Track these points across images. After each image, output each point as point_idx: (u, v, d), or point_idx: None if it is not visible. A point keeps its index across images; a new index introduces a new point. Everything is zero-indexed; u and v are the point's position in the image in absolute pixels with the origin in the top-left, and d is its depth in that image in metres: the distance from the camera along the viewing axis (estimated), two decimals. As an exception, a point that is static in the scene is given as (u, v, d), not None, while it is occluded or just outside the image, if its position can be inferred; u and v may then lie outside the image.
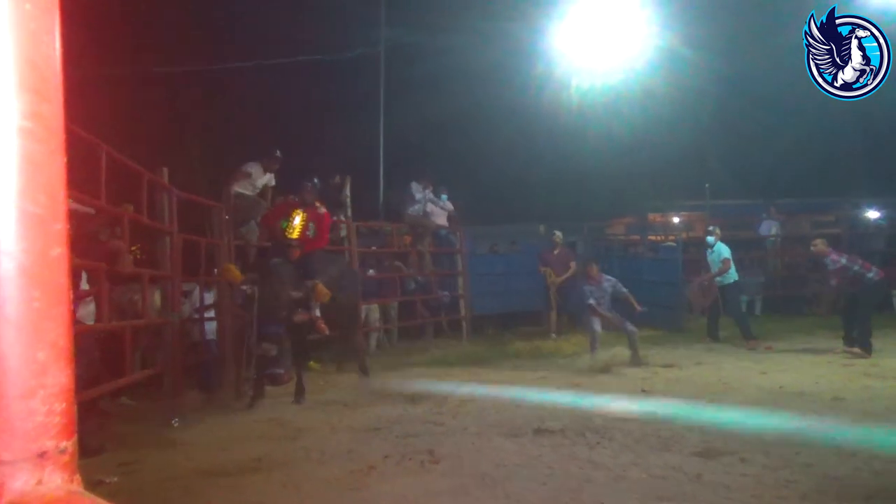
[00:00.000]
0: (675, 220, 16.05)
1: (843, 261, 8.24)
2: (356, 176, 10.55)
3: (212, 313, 7.36)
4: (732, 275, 9.69)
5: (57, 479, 0.41)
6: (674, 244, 12.73)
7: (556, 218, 15.90)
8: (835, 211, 14.68)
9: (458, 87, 16.19)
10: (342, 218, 9.76)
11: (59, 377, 0.42)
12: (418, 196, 10.92)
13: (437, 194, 11.36)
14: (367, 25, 14.03)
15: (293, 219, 6.78)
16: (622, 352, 8.21)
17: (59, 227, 0.43)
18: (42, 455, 0.41)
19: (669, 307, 10.95)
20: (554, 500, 3.59)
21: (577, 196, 16.93)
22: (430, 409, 5.96)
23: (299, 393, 6.42)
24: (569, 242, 13.17)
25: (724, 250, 9.72)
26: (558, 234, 11.76)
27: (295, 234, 6.73)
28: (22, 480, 0.40)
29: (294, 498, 3.78)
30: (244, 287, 6.10)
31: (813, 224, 14.58)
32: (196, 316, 7.36)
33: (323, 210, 7.07)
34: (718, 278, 9.67)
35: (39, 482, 0.40)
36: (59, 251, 0.43)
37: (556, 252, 11.54)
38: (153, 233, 6.33)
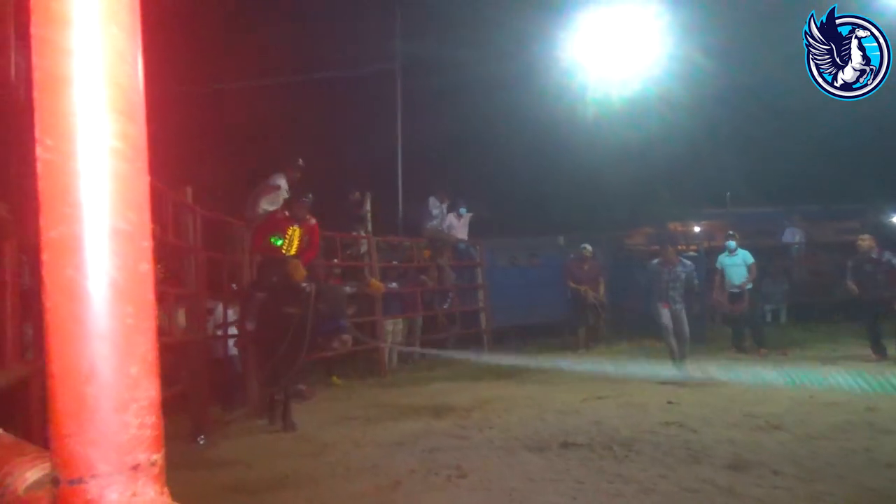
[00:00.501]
0: (696, 228, 15.92)
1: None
2: (375, 191, 10.62)
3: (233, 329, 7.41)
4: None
5: (150, 492, 0.43)
6: (695, 253, 12.62)
7: (575, 229, 15.86)
8: (859, 217, 14.48)
9: (475, 100, 16.26)
10: (362, 233, 9.81)
11: (150, 391, 0.44)
12: (436, 211, 10.96)
13: (455, 208, 11.38)
14: (383, 41, 14.16)
15: (289, 236, 6.60)
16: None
17: (146, 243, 0.44)
18: (135, 467, 0.42)
19: (692, 317, 10.83)
20: (584, 515, 3.55)
21: (595, 207, 16.86)
22: (455, 422, 5.93)
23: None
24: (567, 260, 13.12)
25: (748, 255, 9.68)
26: (588, 247, 11.41)
27: (293, 251, 6.61)
28: (118, 493, 0.41)
29: (321, 514, 3.78)
30: (304, 285, 5.91)
31: (837, 230, 14.39)
32: (220, 332, 7.42)
33: (313, 221, 6.86)
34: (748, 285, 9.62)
35: (134, 494, 0.42)
36: (146, 267, 0.44)
37: (585, 267, 11.24)
38: (178, 252, 6.40)
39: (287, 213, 6.69)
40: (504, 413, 6.19)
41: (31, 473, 0.53)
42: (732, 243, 9.85)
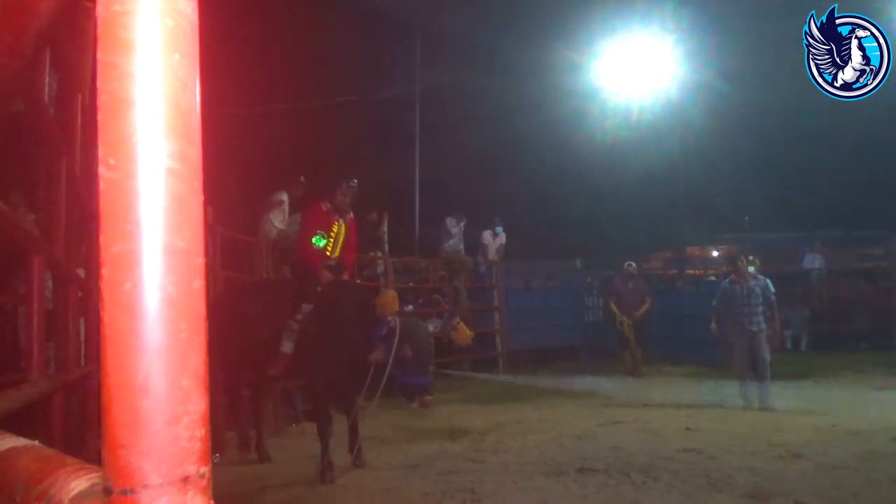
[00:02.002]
0: (714, 253, 15.80)
1: None
2: (392, 212, 10.68)
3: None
4: None
5: (199, 503, 0.43)
6: (714, 278, 12.52)
7: (592, 253, 15.81)
8: (884, 244, 14.28)
9: (494, 123, 16.37)
10: (379, 254, 9.85)
11: (200, 404, 0.45)
12: (454, 230, 10.99)
13: (491, 226, 11.45)
14: (404, 66, 14.35)
15: (334, 234, 5.38)
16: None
17: (200, 261, 0.46)
18: (185, 479, 0.43)
19: (712, 343, 10.69)
20: (601, 542, 3.50)
21: (613, 230, 16.81)
22: (470, 445, 5.89)
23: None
24: (605, 277, 13.02)
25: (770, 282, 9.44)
26: (633, 264, 10.87)
27: (337, 253, 5.43)
28: (169, 503, 0.42)
29: (336, 536, 3.75)
30: (389, 319, 4.82)
31: (858, 257, 14.21)
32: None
33: (351, 214, 5.63)
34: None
35: None
36: (200, 283, 0.46)
37: (630, 285, 10.70)
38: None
39: (329, 206, 5.34)
40: (519, 436, 6.14)
41: (76, 483, 0.54)
42: (753, 268, 9.64)
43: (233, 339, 5.29)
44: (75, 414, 3.38)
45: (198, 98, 0.48)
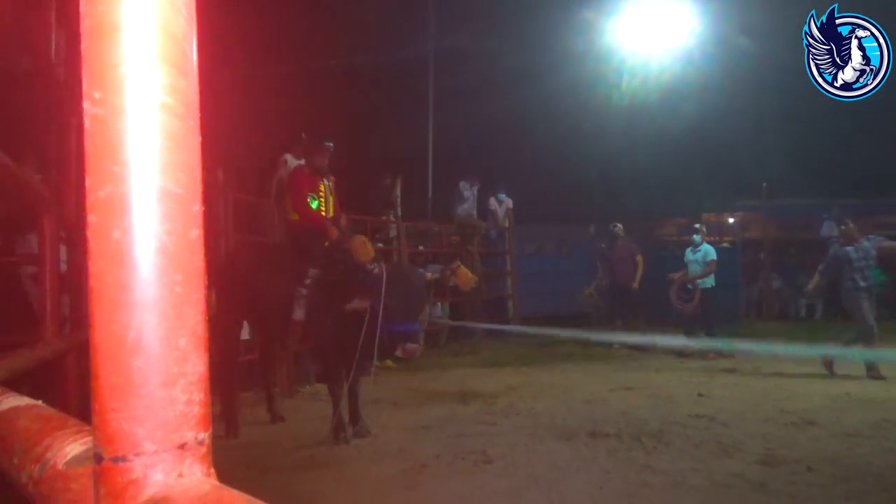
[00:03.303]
0: (731, 220, 15.59)
1: None
2: (405, 176, 10.60)
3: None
4: (711, 279, 9.19)
5: (197, 472, 0.40)
6: (729, 245, 12.38)
7: (606, 218, 15.62)
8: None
9: (508, 86, 16.10)
10: (391, 218, 9.81)
11: (199, 365, 0.41)
12: (466, 194, 10.91)
13: (495, 193, 11.32)
14: (417, 26, 14.07)
15: (322, 194, 5.31)
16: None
17: (197, 208, 0.42)
18: (182, 446, 0.40)
19: (727, 310, 10.62)
20: (611, 506, 3.51)
21: (627, 195, 16.61)
22: (481, 408, 5.93)
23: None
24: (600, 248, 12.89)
25: (711, 251, 9.27)
26: (618, 225, 10.42)
27: (332, 211, 5.38)
28: (163, 472, 0.39)
29: (348, 496, 3.79)
30: (372, 266, 4.76)
31: (878, 225, 13.96)
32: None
33: (332, 176, 5.53)
34: (699, 281, 9.19)
35: (181, 475, 0.39)
36: (197, 233, 0.41)
37: (619, 244, 10.20)
38: (209, 233, 6.48)
39: (309, 169, 5.34)
40: (531, 400, 6.16)
41: (72, 447, 0.51)
42: (698, 237, 9.33)
43: (241, 302, 5.33)
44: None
45: (193, 25, 0.43)
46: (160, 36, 0.41)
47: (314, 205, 5.23)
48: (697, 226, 9.65)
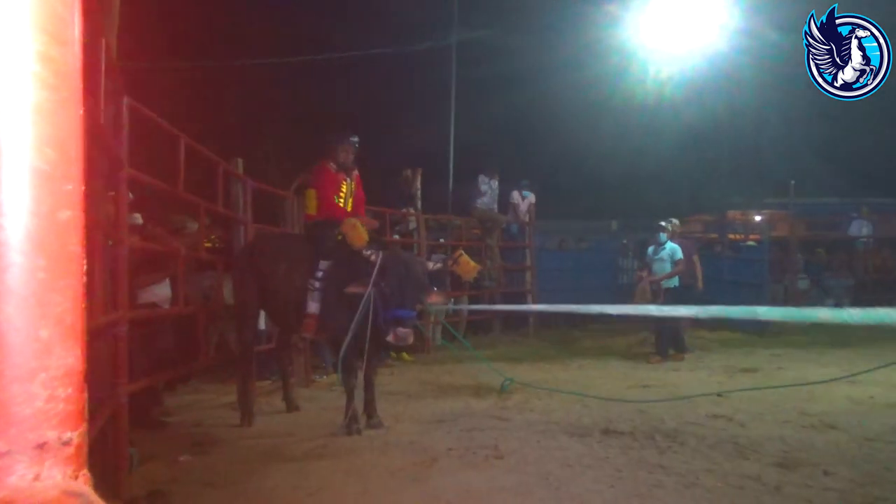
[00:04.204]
0: (757, 218, 15.31)
1: None
2: (425, 169, 10.56)
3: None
4: (675, 280, 8.64)
5: (57, 475, 0.37)
6: (755, 244, 12.15)
7: (628, 215, 15.46)
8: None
9: (531, 80, 15.96)
10: (412, 210, 9.79)
11: (66, 358, 0.38)
12: (485, 188, 10.85)
13: (518, 187, 11.27)
14: (440, 19, 14.00)
15: (344, 193, 5.38)
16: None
17: (71, 187, 0.38)
18: (41, 446, 0.36)
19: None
20: (621, 505, 3.46)
21: (651, 192, 16.39)
22: (495, 403, 5.90)
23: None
24: (639, 241, 12.71)
25: (677, 250, 8.72)
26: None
27: (350, 207, 5.45)
28: (17, 474, 0.36)
29: (358, 486, 3.79)
30: (368, 252, 4.74)
31: (909, 225, 13.62)
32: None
33: (356, 170, 5.59)
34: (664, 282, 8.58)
35: (37, 477, 0.36)
36: (68, 214, 0.38)
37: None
38: (228, 222, 6.51)
39: (334, 165, 5.37)
40: (545, 396, 6.12)
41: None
42: (663, 236, 8.71)
43: (259, 291, 5.37)
44: (103, 359, 3.45)
45: (80, -9, 0.39)
46: (33, 1, 0.36)
47: (337, 200, 5.34)
48: (663, 223, 8.94)
